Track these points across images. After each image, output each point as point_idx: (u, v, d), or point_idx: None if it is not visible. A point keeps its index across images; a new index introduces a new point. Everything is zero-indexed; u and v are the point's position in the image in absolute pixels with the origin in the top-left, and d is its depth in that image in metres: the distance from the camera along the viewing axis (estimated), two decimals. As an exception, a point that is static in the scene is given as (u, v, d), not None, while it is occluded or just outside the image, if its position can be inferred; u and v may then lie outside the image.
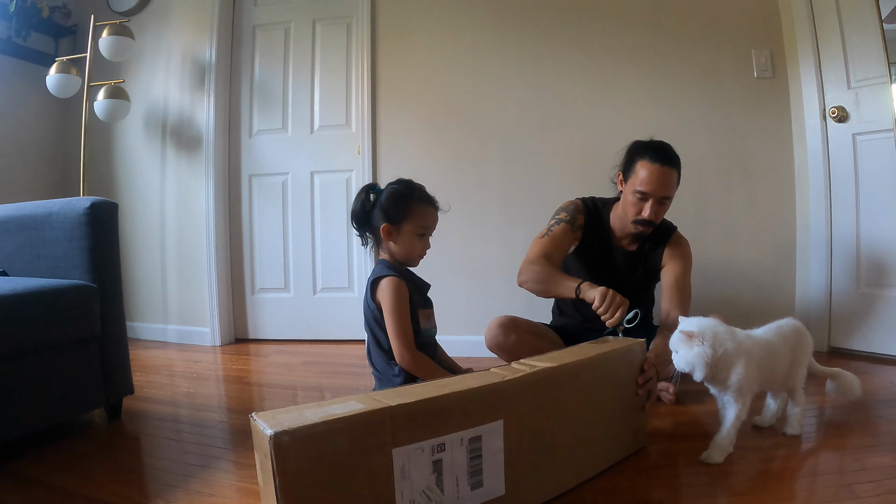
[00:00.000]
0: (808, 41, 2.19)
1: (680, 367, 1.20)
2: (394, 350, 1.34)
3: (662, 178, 1.63)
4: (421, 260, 1.44)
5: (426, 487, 0.88)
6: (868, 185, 2.10)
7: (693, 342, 1.18)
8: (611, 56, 2.39)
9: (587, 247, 1.81)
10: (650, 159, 1.64)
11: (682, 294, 1.70)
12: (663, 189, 1.64)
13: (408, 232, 1.39)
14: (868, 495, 1.00)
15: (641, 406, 1.27)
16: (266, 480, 0.79)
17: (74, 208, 1.52)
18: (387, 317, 1.36)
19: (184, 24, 2.77)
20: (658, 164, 1.63)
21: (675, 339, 1.21)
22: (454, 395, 0.91)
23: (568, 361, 1.11)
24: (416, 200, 1.39)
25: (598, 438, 1.18)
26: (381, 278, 1.38)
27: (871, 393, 1.68)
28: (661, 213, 1.70)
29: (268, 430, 0.75)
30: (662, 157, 1.64)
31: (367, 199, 1.41)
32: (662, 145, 1.69)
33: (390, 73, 2.54)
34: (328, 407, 0.84)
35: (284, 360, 2.41)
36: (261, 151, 2.79)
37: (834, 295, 2.20)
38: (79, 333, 1.48)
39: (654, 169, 1.63)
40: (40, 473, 1.23)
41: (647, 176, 1.64)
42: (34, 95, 2.81)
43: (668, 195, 1.67)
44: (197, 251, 2.74)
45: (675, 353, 1.21)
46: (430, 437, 0.88)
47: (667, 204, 1.69)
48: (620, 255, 1.81)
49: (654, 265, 1.79)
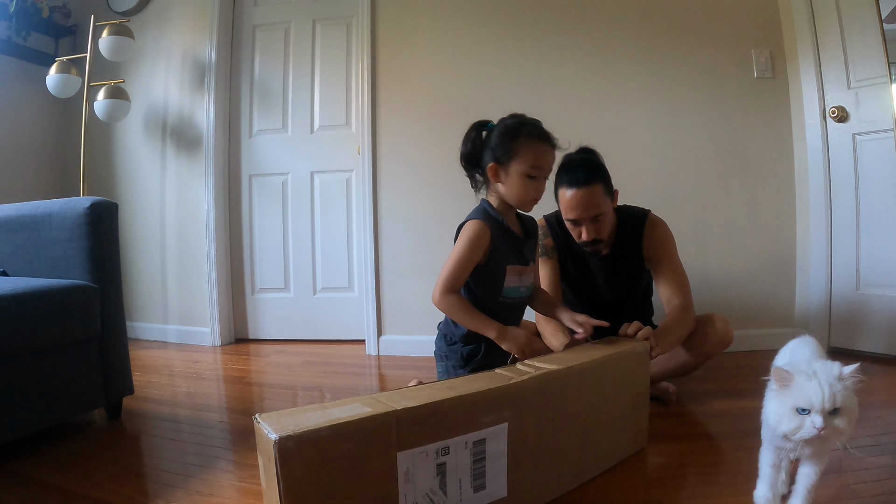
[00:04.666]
0: (808, 41, 2.19)
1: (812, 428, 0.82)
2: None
3: (584, 201, 1.54)
4: (535, 204, 1.32)
5: (429, 490, 0.88)
6: (868, 185, 2.10)
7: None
8: (611, 56, 2.39)
9: (564, 266, 1.77)
10: (566, 185, 1.57)
11: (676, 277, 1.62)
12: (589, 210, 1.55)
13: (516, 172, 1.26)
14: (868, 495, 1.00)
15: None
16: (270, 484, 0.78)
17: (74, 208, 1.52)
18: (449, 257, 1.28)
19: (184, 24, 2.77)
20: (574, 188, 1.54)
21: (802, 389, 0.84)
22: (460, 398, 0.91)
23: (573, 363, 1.10)
24: (525, 136, 1.26)
25: (600, 440, 1.17)
26: (467, 222, 1.30)
27: (872, 393, 1.68)
28: (602, 228, 1.60)
29: (272, 435, 0.74)
30: (574, 181, 1.55)
31: (479, 136, 1.32)
32: (575, 164, 1.59)
33: (390, 73, 2.54)
34: (333, 410, 0.84)
35: (284, 360, 2.41)
36: (261, 151, 2.79)
37: (834, 295, 2.20)
38: (79, 333, 1.48)
39: (573, 194, 1.55)
40: (40, 473, 1.23)
41: (568, 203, 1.56)
42: (34, 95, 2.81)
43: (596, 214, 1.56)
44: (197, 251, 2.74)
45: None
46: (434, 441, 0.87)
47: (603, 218, 1.58)
48: (597, 264, 1.73)
49: (637, 262, 1.70)
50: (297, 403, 1.80)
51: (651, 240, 1.67)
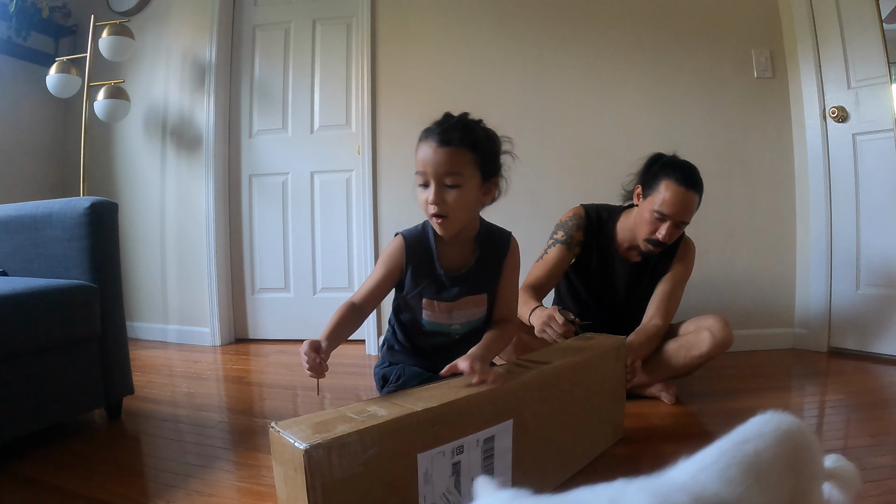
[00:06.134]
0: (808, 41, 2.19)
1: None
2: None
3: (685, 203, 1.57)
4: (435, 221, 1.10)
5: (446, 490, 0.88)
6: (868, 185, 2.10)
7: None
8: (611, 56, 2.39)
9: (587, 262, 1.78)
10: (676, 181, 1.57)
11: (670, 305, 1.70)
12: (684, 213, 1.58)
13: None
14: (868, 495, 0.99)
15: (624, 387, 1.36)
16: (294, 494, 0.76)
17: (74, 208, 1.52)
18: None
19: (184, 24, 2.77)
20: (684, 187, 1.56)
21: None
22: (471, 396, 0.92)
23: (567, 359, 1.15)
24: (419, 140, 1.10)
25: (588, 432, 1.22)
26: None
27: (871, 393, 1.68)
28: (676, 236, 1.64)
29: (301, 444, 0.72)
30: (688, 181, 1.57)
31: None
32: (690, 167, 1.62)
33: (390, 73, 2.54)
34: (350, 414, 0.82)
35: (284, 360, 2.41)
36: (261, 151, 2.79)
37: (834, 295, 2.20)
38: (79, 333, 1.48)
39: (680, 192, 1.56)
40: (40, 473, 1.22)
41: (670, 198, 1.57)
42: (34, 95, 2.81)
43: (686, 220, 1.61)
44: (197, 251, 2.74)
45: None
46: (450, 441, 0.88)
47: (682, 227, 1.63)
48: (623, 268, 1.76)
49: (662, 274, 1.75)
50: (298, 404, 1.80)
51: (682, 257, 1.74)
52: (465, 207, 1.10)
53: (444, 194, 1.06)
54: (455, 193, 1.07)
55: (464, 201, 1.08)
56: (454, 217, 1.09)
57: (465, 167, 1.06)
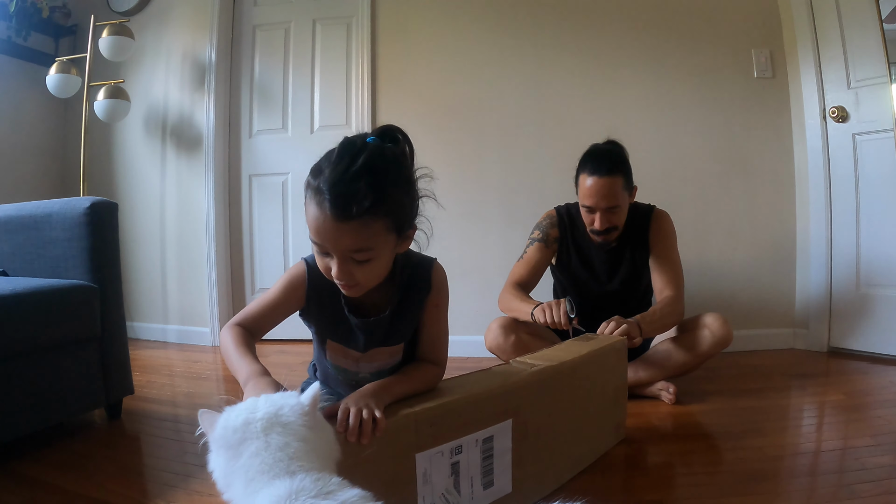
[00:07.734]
0: (808, 41, 2.19)
1: None
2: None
3: (603, 190, 1.61)
4: (344, 289, 0.90)
5: (445, 490, 0.88)
6: (868, 185, 2.10)
7: None
8: (610, 55, 2.39)
9: (567, 258, 1.82)
10: (589, 172, 1.64)
11: (672, 270, 1.69)
12: (606, 200, 1.62)
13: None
14: (868, 495, 0.99)
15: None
16: None
17: (74, 208, 1.52)
18: None
19: (184, 24, 2.77)
20: (596, 176, 1.62)
21: None
22: (471, 396, 0.92)
23: (566, 359, 1.15)
24: (306, 186, 0.94)
25: (589, 433, 1.21)
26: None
27: (871, 393, 1.68)
28: (616, 219, 1.67)
29: None
30: (601, 169, 1.62)
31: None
32: (602, 153, 1.67)
33: (390, 73, 2.54)
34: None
35: (285, 360, 2.41)
36: (261, 151, 2.79)
37: (834, 295, 2.20)
38: (79, 333, 1.48)
39: (595, 182, 1.62)
40: (40, 473, 1.22)
41: (589, 190, 1.63)
42: (34, 95, 2.81)
43: (613, 205, 1.64)
44: (197, 251, 2.74)
45: None
46: (449, 440, 0.88)
47: (617, 211, 1.66)
48: (600, 256, 1.79)
49: (642, 255, 1.76)
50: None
51: (655, 231, 1.74)
52: (378, 276, 0.90)
53: (351, 269, 0.85)
54: (365, 267, 0.86)
55: (377, 271, 0.89)
56: (366, 285, 0.89)
57: (376, 239, 0.84)
